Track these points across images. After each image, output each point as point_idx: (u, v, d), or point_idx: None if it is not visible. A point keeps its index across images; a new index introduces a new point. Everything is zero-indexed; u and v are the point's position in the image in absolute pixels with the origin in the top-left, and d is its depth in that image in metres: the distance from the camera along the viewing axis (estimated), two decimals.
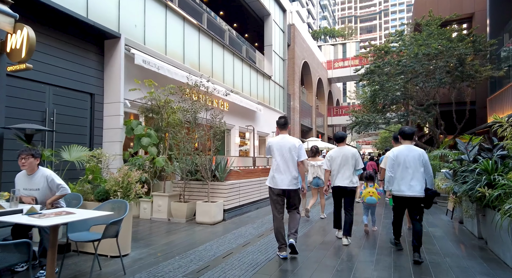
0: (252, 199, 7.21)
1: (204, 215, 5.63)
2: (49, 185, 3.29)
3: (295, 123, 20.72)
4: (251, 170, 7.44)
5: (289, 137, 3.86)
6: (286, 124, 3.94)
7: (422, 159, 3.74)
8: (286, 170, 3.73)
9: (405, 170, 3.74)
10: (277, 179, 3.74)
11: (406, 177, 3.72)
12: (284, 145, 3.78)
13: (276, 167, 3.77)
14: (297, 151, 3.77)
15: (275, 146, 3.81)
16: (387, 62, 12.50)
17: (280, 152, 3.77)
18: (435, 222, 5.93)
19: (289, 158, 3.75)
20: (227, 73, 11.89)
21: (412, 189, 3.68)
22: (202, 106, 5.97)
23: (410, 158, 3.74)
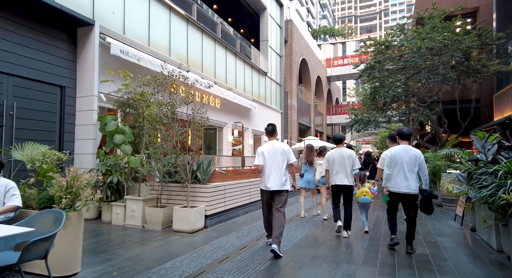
0: (240, 203, 6.55)
1: (182, 222, 4.97)
2: (5, 192, 2.94)
3: (292, 122, 20.04)
4: (240, 171, 6.78)
5: (278, 143, 4.23)
6: (274, 131, 4.33)
7: (417, 159, 3.98)
8: (277, 173, 4.07)
9: (401, 168, 3.99)
10: (268, 182, 4.09)
11: (402, 175, 3.98)
12: (274, 150, 4.13)
13: (268, 170, 4.10)
14: (287, 155, 4.14)
15: (265, 152, 4.15)
16: (388, 57, 11.85)
17: (271, 157, 4.11)
18: (443, 230, 5.27)
19: (279, 162, 4.09)
20: (219, 68, 11.23)
21: (407, 186, 3.95)
22: (182, 100, 5.29)
23: (406, 158, 3.99)
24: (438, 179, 7.87)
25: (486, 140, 3.99)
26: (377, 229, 5.36)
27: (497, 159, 3.73)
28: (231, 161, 8.89)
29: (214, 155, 10.32)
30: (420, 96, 12.35)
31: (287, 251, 4.06)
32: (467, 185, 4.15)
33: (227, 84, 11.66)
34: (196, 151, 5.39)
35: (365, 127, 13.16)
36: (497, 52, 11.57)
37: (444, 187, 6.92)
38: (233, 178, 6.35)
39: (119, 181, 5.63)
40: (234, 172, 6.46)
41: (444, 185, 7.24)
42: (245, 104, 12.23)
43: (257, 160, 4.20)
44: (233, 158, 9.46)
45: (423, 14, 11.61)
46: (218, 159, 7.42)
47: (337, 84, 36.80)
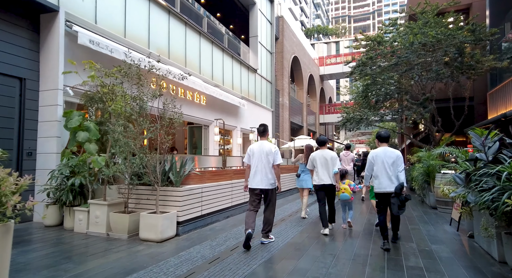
0: (221, 206, 6.04)
1: (149, 229, 4.44)
2: None
3: (284, 121, 19.57)
4: (220, 171, 6.26)
5: (266, 143, 4.43)
6: (265, 132, 4.55)
7: (397, 159, 4.25)
8: (264, 172, 4.32)
9: (383, 169, 4.25)
10: (256, 180, 4.34)
11: (385, 175, 4.24)
12: (262, 150, 4.36)
13: (255, 169, 4.36)
14: (273, 156, 4.34)
15: (253, 152, 4.41)
16: (380, 53, 11.43)
17: (259, 157, 4.34)
18: (439, 236, 4.83)
19: (265, 162, 4.33)
20: (204, 63, 10.70)
21: (391, 185, 4.20)
22: (151, 93, 4.75)
23: (386, 159, 4.26)
24: (432, 180, 7.47)
25: (486, 137, 3.55)
26: (367, 236, 4.90)
27: (499, 158, 3.29)
28: (217, 161, 8.35)
29: (193, 155, 9.77)
30: (413, 94, 11.97)
31: (262, 263, 3.57)
32: (465, 187, 3.70)
33: (213, 80, 11.13)
34: (168, 150, 4.86)
35: (357, 126, 12.73)
36: (491, 49, 11.24)
37: (439, 188, 6.51)
38: (212, 180, 5.83)
39: (82, 184, 5.08)
40: (214, 173, 5.94)
41: (439, 186, 6.83)
42: (233, 102, 11.72)
43: (245, 159, 4.57)
44: (219, 158, 8.93)
45: (415, 9, 11.21)
46: (199, 159, 6.90)
47: (330, 83, 36.48)
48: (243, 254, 3.86)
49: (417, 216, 6.60)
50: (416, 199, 9.32)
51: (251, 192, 4.45)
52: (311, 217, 6.45)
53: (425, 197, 8.34)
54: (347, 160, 9.23)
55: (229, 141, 13.36)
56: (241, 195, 6.83)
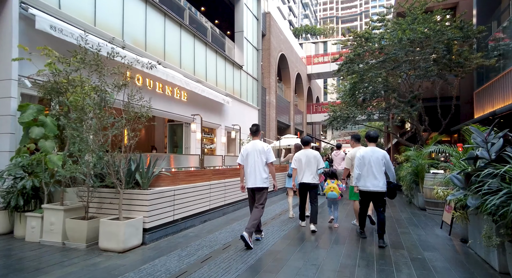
0: (197, 210, 5.53)
1: (110, 238, 3.90)
2: None
3: (271, 120, 19.15)
4: (198, 172, 5.74)
5: (259, 142, 4.48)
6: (257, 131, 4.60)
7: (384, 159, 4.35)
8: (257, 171, 4.35)
9: (370, 168, 4.33)
10: (249, 180, 4.39)
11: (370, 174, 4.32)
12: (255, 149, 4.41)
13: (249, 169, 4.42)
14: (266, 154, 4.40)
15: (246, 152, 4.47)
16: (368, 50, 11.15)
17: (252, 156, 4.39)
18: (430, 241, 4.48)
19: (258, 161, 4.37)
20: (185, 57, 10.13)
21: (376, 185, 4.28)
22: (114, 84, 4.19)
23: (374, 158, 4.33)
24: (421, 180, 7.17)
25: (490, 132, 3.18)
26: (354, 242, 4.50)
27: (503, 157, 2.94)
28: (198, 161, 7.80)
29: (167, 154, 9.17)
30: (400, 92, 11.75)
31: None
32: (464, 189, 3.33)
33: (195, 75, 10.58)
34: (133, 148, 4.32)
35: (344, 125, 12.43)
36: (478, 47, 11.12)
37: (432, 189, 6.21)
38: (187, 181, 5.31)
39: (36, 186, 4.48)
40: (189, 174, 5.42)
41: (428, 187, 6.54)
42: (217, 99, 11.19)
43: (238, 159, 4.62)
44: (215, 157, 8.36)
45: (404, 5, 10.97)
46: (177, 158, 6.36)
47: (318, 83, 36.34)
48: (214, 267, 3.38)
49: (406, 218, 6.27)
50: (403, 199, 9.05)
51: (248, 192, 4.53)
52: (295, 219, 6.02)
53: (413, 197, 8.06)
54: (338, 159, 8.97)
55: (212, 139, 12.83)
56: (220, 197, 6.35)
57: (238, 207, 7.20)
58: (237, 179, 7.21)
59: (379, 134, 30.64)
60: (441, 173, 6.61)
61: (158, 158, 4.79)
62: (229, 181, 6.76)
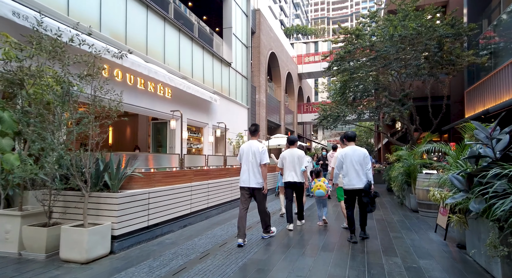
0: (176, 214, 5.11)
1: (72, 247, 3.46)
2: None
3: (261, 119, 18.79)
4: (177, 173, 5.32)
5: (255, 143, 4.49)
6: (256, 131, 4.60)
7: (365, 157, 4.48)
8: (251, 171, 4.38)
9: (352, 167, 4.45)
10: (244, 179, 4.43)
11: (353, 172, 4.44)
12: (250, 149, 4.44)
13: (243, 168, 4.45)
14: (260, 155, 4.41)
15: (243, 151, 4.49)
16: (358, 47, 10.89)
17: (247, 156, 4.43)
18: (425, 246, 4.18)
19: (253, 161, 4.41)
20: (170, 52, 9.67)
21: (360, 182, 4.41)
22: (81, 74, 3.74)
23: (355, 157, 4.48)
24: (413, 180, 6.91)
25: (495, 128, 2.86)
26: (344, 249, 4.17)
27: (510, 155, 2.64)
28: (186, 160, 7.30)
29: (145, 153, 8.70)
30: (391, 91, 11.55)
31: None
32: (466, 192, 3.02)
33: (180, 71, 10.12)
34: (100, 146, 3.89)
35: (334, 124, 12.16)
36: (469, 45, 10.99)
37: (425, 191, 5.95)
38: (164, 182, 4.89)
39: None
40: (167, 175, 4.99)
41: (420, 187, 6.28)
42: (203, 96, 10.74)
43: (238, 158, 4.68)
44: (197, 157, 7.89)
45: (395, 1, 10.75)
46: (157, 158, 5.92)
47: (308, 83, 36.20)
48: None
49: (398, 220, 5.99)
50: (394, 200, 8.81)
51: (241, 190, 4.54)
52: (284, 221, 5.66)
53: (404, 198, 7.82)
54: (334, 160, 8.74)
55: (200, 139, 12.39)
56: (202, 199, 5.95)
57: (222, 210, 6.81)
58: (222, 179, 6.82)
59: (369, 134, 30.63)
60: (434, 173, 6.36)
61: (131, 157, 4.36)
62: (213, 182, 6.36)
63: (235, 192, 7.63)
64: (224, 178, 7.04)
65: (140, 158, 4.71)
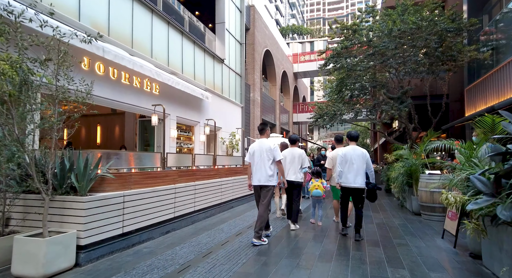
0: (157, 219, 4.61)
1: (27, 260, 2.95)
2: None
3: (255, 118, 18.32)
4: (158, 174, 4.82)
5: (265, 141, 4.56)
6: (263, 130, 4.74)
7: (364, 158, 4.58)
8: (261, 169, 4.42)
9: (351, 165, 4.57)
10: (255, 177, 4.48)
11: (351, 171, 4.56)
12: (261, 148, 4.49)
13: (255, 167, 4.49)
14: (273, 153, 4.45)
15: (253, 150, 4.54)
16: (355, 43, 10.48)
17: (259, 155, 4.47)
18: (434, 256, 3.74)
19: (265, 159, 4.43)
20: (158, 46, 9.15)
21: (356, 181, 4.53)
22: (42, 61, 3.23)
23: (355, 156, 4.58)
24: (415, 181, 6.50)
25: None
26: (343, 259, 3.71)
27: None
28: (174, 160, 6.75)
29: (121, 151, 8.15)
30: (389, 88, 11.15)
31: None
32: (492, 196, 2.56)
33: (169, 67, 9.61)
34: (63, 143, 3.39)
35: (330, 122, 11.73)
36: (470, 41, 10.64)
37: (429, 192, 5.53)
38: (143, 184, 4.39)
39: None
40: (146, 176, 4.49)
41: (423, 189, 5.85)
42: (194, 93, 10.22)
43: (246, 157, 4.69)
44: (182, 156, 7.33)
45: None
46: (139, 157, 5.40)
47: (304, 82, 35.85)
48: None
49: (400, 225, 5.55)
50: (394, 202, 8.39)
51: (254, 190, 4.57)
52: (275, 229, 5.19)
53: (405, 200, 7.40)
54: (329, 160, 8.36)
55: (191, 138, 11.87)
56: (188, 203, 5.45)
57: (211, 214, 6.32)
58: (211, 181, 6.33)
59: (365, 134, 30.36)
60: (437, 174, 5.95)
61: (103, 155, 3.85)
62: (200, 184, 5.87)
63: (225, 194, 7.15)
64: (213, 179, 6.55)
65: (117, 156, 4.20)
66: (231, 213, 6.69)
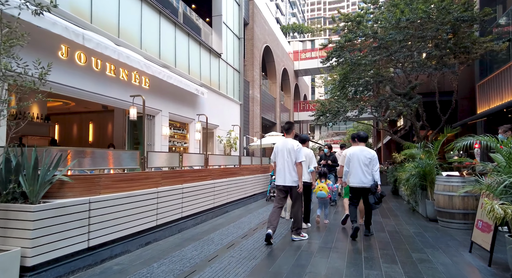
0: (136, 229, 3.94)
1: None
2: None
3: (254, 116, 17.63)
4: (135, 175, 4.13)
5: (290, 141, 4.50)
6: (289, 129, 4.65)
7: (371, 158, 4.69)
8: (286, 169, 4.38)
9: (358, 166, 4.70)
10: (279, 178, 4.46)
11: (360, 171, 4.68)
12: (285, 147, 4.44)
13: (279, 167, 4.47)
14: (295, 154, 4.38)
15: (277, 150, 4.53)
16: (360, 35, 9.79)
17: (282, 154, 4.44)
18: (466, 276, 3.06)
19: (288, 160, 4.39)
20: (148, 37, 8.47)
21: (364, 180, 4.65)
22: None
23: (361, 157, 4.70)
24: (430, 184, 5.82)
25: None
26: (354, 267, 3.04)
27: None
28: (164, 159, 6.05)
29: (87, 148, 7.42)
30: (395, 83, 10.45)
31: None
32: None
33: (161, 59, 8.94)
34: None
35: (333, 120, 11.03)
36: (483, 32, 9.93)
37: (447, 197, 4.86)
38: (115, 188, 3.71)
39: None
40: (119, 178, 3.81)
41: (440, 192, 5.18)
42: (188, 88, 9.53)
43: (271, 156, 4.69)
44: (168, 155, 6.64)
45: None
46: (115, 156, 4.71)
47: (305, 80, 35.17)
48: None
49: (415, 233, 4.87)
50: (404, 206, 7.71)
51: (276, 189, 4.57)
52: (275, 241, 4.50)
53: (417, 204, 6.72)
54: (342, 158, 7.75)
55: (185, 136, 11.21)
56: (175, 208, 4.78)
57: (202, 220, 5.64)
58: (201, 183, 5.67)
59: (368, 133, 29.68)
60: (456, 176, 5.27)
61: (63, 152, 3.17)
62: (189, 186, 5.20)
63: (219, 197, 6.48)
64: (205, 181, 5.88)
65: (82, 155, 3.52)
66: (224, 219, 6.02)
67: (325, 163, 7.78)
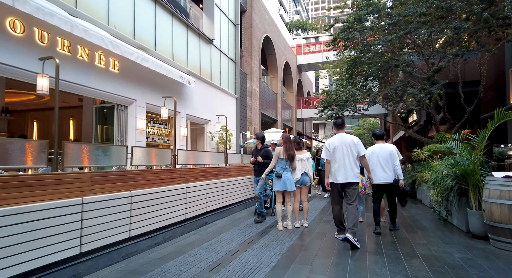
0: (41, 261, 2.52)
1: None
2: None
3: (253, 112, 16.17)
4: (38, 178, 2.72)
5: (346, 136, 4.31)
6: (342, 125, 4.42)
7: (391, 154, 4.76)
8: (347, 165, 4.15)
9: (378, 163, 4.78)
10: (338, 175, 4.18)
11: (380, 168, 4.77)
12: (344, 143, 4.21)
13: (338, 164, 4.19)
14: (357, 148, 4.21)
15: (334, 146, 4.24)
16: (371, 12, 8.31)
17: (341, 150, 4.19)
18: None
19: (349, 155, 4.17)
20: (117, 11, 7.05)
21: (385, 177, 4.73)
22: None
23: (382, 154, 4.80)
24: (472, 189, 4.32)
25: None
26: None
27: None
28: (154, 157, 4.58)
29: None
30: (414, 67, 8.91)
31: None
32: None
33: (135, 39, 7.54)
34: None
35: (341, 112, 9.54)
36: None
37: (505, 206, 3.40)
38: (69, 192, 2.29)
39: None
40: (6, 183, 2.40)
41: (494, 200, 3.69)
42: (170, 75, 8.08)
43: (323, 154, 4.39)
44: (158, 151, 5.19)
45: None
46: None
47: (309, 76, 33.64)
48: None
49: (463, 259, 3.38)
50: (431, 215, 6.18)
51: (334, 188, 4.27)
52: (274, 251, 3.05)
53: (449, 214, 5.22)
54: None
55: (169, 131, 9.79)
56: (117, 225, 3.33)
57: (164, 238, 4.18)
58: (162, 188, 4.22)
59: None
60: None
61: None
62: (141, 194, 3.76)
63: (193, 206, 5.03)
64: (172, 185, 4.44)
65: None
66: (199, 235, 4.55)
67: None
